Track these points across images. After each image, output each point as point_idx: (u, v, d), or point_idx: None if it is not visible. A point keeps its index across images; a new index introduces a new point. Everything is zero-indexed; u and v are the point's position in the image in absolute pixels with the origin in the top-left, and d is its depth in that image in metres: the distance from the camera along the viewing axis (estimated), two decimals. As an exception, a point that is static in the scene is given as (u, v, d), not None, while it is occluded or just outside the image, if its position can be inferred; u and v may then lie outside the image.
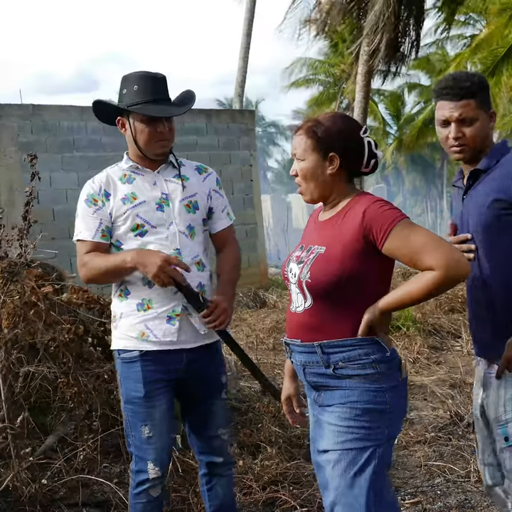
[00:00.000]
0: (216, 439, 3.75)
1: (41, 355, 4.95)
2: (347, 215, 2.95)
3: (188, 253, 3.61)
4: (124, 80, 3.65)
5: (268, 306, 12.53)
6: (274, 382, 7.31)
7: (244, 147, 15.59)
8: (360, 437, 2.93)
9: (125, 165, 3.70)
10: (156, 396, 3.55)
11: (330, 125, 3.01)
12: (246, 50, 23.80)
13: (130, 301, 3.58)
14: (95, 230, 3.58)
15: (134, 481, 3.62)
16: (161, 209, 3.61)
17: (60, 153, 12.84)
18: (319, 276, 2.91)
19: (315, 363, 2.98)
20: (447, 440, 5.80)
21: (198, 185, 3.77)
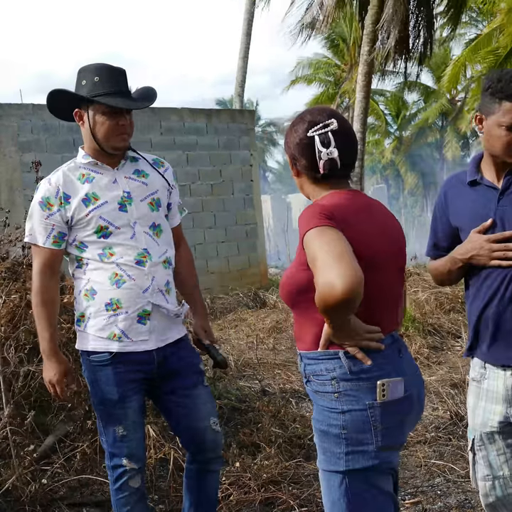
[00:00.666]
0: (209, 430, 3.66)
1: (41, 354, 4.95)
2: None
3: (155, 252, 3.57)
4: (83, 71, 3.52)
5: (268, 306, 12.52)
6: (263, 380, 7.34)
7: (244, 147, 15.58)
8: (325, 459, 2.77)
9: (83, 160, 3.58)
10: (129, 397, 3.52)
11: (289, 128, 2.89)
12: (246, 50, 23.81)
13: (97, 301, 3.51)
14: (47, 235, 3.50)
15: (112, 477, 3.60)
16: (123, 209, 3.53)
17: (60, 153, 12.81)
18: (283, 285, 2.82)
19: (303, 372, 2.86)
20: (447, 440, 5.80)
21: (158, 181, 3.70)
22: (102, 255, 3.49)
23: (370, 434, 2.67)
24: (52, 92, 3.57)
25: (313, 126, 2.77)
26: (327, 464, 2.75)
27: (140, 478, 3.59)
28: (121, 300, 3.48)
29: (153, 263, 3.53)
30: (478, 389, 3.25)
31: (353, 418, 2.66)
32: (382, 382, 2.66)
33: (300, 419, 6.01)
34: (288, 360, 8.59)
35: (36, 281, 3.51)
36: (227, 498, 4.62)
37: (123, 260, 3.48)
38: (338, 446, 2.69)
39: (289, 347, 9.45)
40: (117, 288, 3.48)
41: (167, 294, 3.61)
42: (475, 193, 3.20)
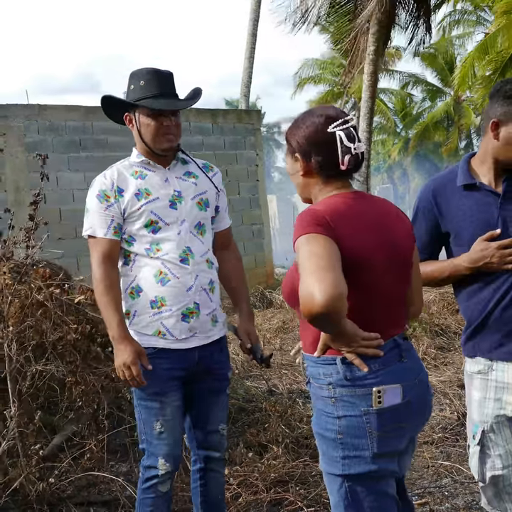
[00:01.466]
0: (216, 433, 3.79)
1: (49, 354, 4.96)
2: None
3: (198, 251, 3.64)
4: (132, 76, 3.66)
5: (275, 306, 12.52)
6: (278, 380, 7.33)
7: (250, 147, 15.58)
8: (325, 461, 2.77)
9: (137, 159, 3.69)
10: (169, 393, 3.57)
11: (294, 124, 2.83)
12: (251, 50, 23.76)
13: (143, 299, 3.58)
14: (107, 226, 3.57)
15: (143, 475, 3.63)
16: (173, 206, 3.63)
17: (67, 153, 12.84)
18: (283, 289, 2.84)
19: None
20: (455, 441, 5.79)
21: (207, 182, 3.79)
22: (149, 250, 3.58)
23: (365, 439, 2.66)
24: (102, 98, 3.72)
25: (332, 122, 2.73)
26: (327, 466, 2.76)
27: (170, 484, 3.64)
28: (165, 298, 3.55)
29: (195, 261, 3.60)
30: (485, 381, 3.26)
31: (348, 424, 2.65)
32: (378, 389, 2.64)
33: (307, 419, 6.00)
34: (295, 361, 8.57)
35: (98, 272, 3.56)
36: (236, 499, 4.62)
37: (168, 257, 3.56)
38: (335, 450, 2.69)
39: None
40: (162, 286, 3.55)
41: (211, 292, 3.68)
42: (472, 197, 3.20)
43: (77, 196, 12.75)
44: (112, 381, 5.23)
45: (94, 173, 13.79)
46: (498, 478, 3.26)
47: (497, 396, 3.21)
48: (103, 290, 3.54)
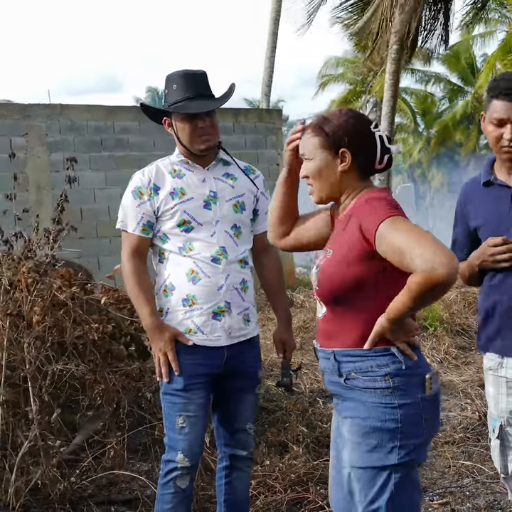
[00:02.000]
0: (243, 432, 3.80)
1: (69, 352, 4.98)
2: (353, 213, 2.80)
3: (232, 251, 3.66)
4: (166, 81, 3.70)
5: (295, 305, 12.49)
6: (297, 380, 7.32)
7: (271, 146, 15.57)
8: (371, 457, 2.76)
9: (177, 158, 3.73)
10: (193, 390, 3.58)
11: (338, 120, 2.84)
12: (272, 49, 23.72)
13: (175, 297, 3.62)
14: (136, 223, 3.63)
15: (163, 470, 3.66)
16: (207, 207, 3.66)
17: (88, 152, 12.87)
18: (324, 283, 2.81)
19: (331, 370, 2.87)
20: (476, 441, 5.77)
21: (246, 185, 3.81)
22: (182, 249, 3.62)
23: (420, 426, 2.76)
24: (141, 105, 3.90)
25: (371, 124, 2.86)
26: (373, 461, 2.76)
27: (189, 480, 3.64)
28: (196, 296, 3.59)
29: (228, 261, 3.63)
30: (496, 378, 3.32)
31: (406, 412, 2.72)
32: (429, 376, 2.77)
33: (327, 418, 5.99)
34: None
35: (127, 265, 3.65)
36: (255, 499, 4.61)
37: (200, 256, 3.59)
38: (391, 440, 2.73)
39: (316, 346, 9.42)
40: (193, 284, 3.59)
41: (243, 292, 3.70)
42: (489, 192, 3.28)
43: (98, 196, 12.80)
44: (132, 380, 5.25)
45: (115, 172, 13.94)
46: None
47: (509, 391, 3.28)
48: (133, 283, 3.61)
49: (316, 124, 2.87)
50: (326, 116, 2.89)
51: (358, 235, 2.70)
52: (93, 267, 8.52)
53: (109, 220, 12.49)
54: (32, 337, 4.66)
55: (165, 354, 3.55)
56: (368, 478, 2.78)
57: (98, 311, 5.29)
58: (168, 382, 3.59)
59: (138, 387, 5.27)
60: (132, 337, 5.52)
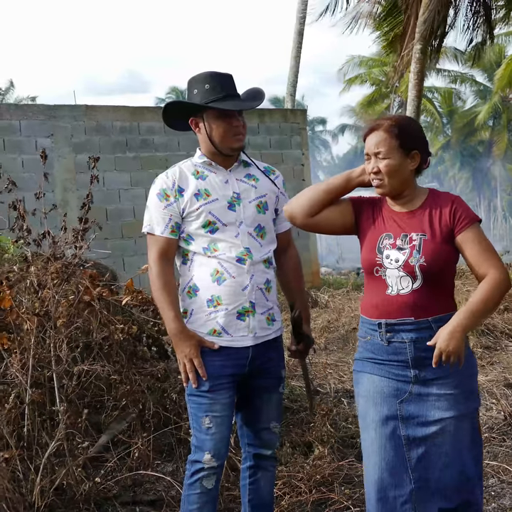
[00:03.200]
0: (267, 431, 3.81)
1: (95, 353, 5.01)
2: (432, 207, 3.35)
3: (256, 252, 3.67)
4: (193, 81, 3.70)
5: (320, 305, 12.51)
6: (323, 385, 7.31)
7: (296, 146, 15.58)
8: (471, 401, 3.37)
9: (199, 160, 3.74)
10: (219, 390, 3.59)
11: (410, 126, 3.40)
12: (298, 49, 23.73)
13: (200, 298, 3.63)
14: (165, 225, 3.63)
15: (189, 471, 3.65)
16: (232, 208, 3.67)
17: (113, 153, 12.96)
18: (432, 259, 3.24)
19: (428, 338, 3.21)
20: (501, 441, 5.74)
21: (267, 185, 3.82)
22: (207, 249, 3.63)
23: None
24: (169, 103, 3.83)
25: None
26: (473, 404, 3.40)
27: (215, 480, 3.64)
28: (221, 297, 3.60)
29: (253, 262, 3.64)
30: None
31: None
32: None
33: (352, 418, 5.99)
34: (340, 360, 8.58)
35: (154, 268, 3.64)
36: (280, 499, 4.62)
37: (225, 256, 3.60)
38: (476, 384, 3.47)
39: (340, 347, 9.43)
40: (218, 285, 3.59)
41: (267, 292, 3.72)
42: None
43: (123, 196, 12.87)
44: (157, 381, 5.27)
45: (140, 173, 14.02)
46: None
47: None
48: (159, 286, 3.61)
49: (391, 127, 3.32)
50: (397, 120, 3.37)
51: (448, 219, 3.29)
52: (118, 268, 8.54)
53: (133, 220, 12.57)
54: (58, 338, 4.68)
55: (190, 360, 3.55)
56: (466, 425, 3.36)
57: (122, 312, 5.31)
58: (193, 384, 3.60)
59: (163, 387, 5.29)
60: (154, 339, 5.54)
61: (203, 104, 3.62)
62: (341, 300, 12.60)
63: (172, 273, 3.67)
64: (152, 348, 5.50)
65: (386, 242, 3.34)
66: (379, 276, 3.33)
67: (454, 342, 3.13)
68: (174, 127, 3.90)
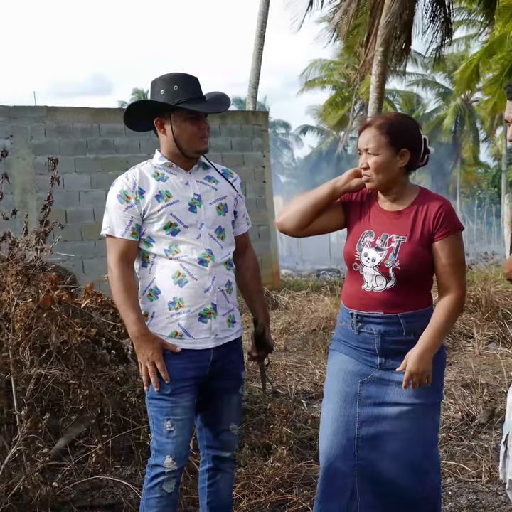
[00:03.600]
0: (227, 433, 3.81)
1: (54, 357, 4.98)
2: (419, 208, 3.44)
3: (218, 254, 3.67)
4: (160, 81, 3.66)
5: (280, 307, 12.53)
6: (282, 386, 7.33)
7: (257, 148, 15.59)
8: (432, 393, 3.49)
9: (159, 162, 3.72)
10: (181, 393, 3.58)
11: (402, 123, 3.46)
12: (259, 51, 23.74)
13: (161, 300, 3.61)
14: (125, 227, 3.60)
15: (149, 475, 3.64)
16: (193, 210, 3.66)
17: (73, 155, 12.89)
18: (407, 264, 3.37)
19: (395, 332, 3.45)
20: (459, 440, 5.80)
21: (226, 188, 3.84)
22: (168, 251, 3.61)
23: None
24: (136, 102, 3.78)
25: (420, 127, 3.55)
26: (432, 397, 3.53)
27: (174, 484, 3.64)
28: (183, 299, 3.58)
29: (215, 263, 3.64)
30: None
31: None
32: None
33: (311, 420, 6.02)
34: (300, 361, 8.60)
35: (114, 270, 3.60)
36: (239, 501, 4.63)
37: (187, 258, 3.59)
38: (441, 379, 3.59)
39: (300, 348, 9.45)
40: (180, 287, 3.58)
41: (228, 293, 3.72)
42: None
43: (83, 198, 12.81)
44: (116, 384, 5.25)
45: (100, 174, 13.92)
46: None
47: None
48: (119, 288, 3.58)
49: (382, 124, 3.41)
50: (389, 118, 3.46)
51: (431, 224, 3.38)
52: (77, 270, 8.49)
53: (94, 222, 12.50)
54: (17, 341, 4.65)
55: (153, 364, 3.53)
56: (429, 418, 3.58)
57: (81, 315, 5.29)
58: (155, 388, 3.59)
59: (122, 391, 5.27)
60: (113, 342, 5.52)
61: (175, 105, 3.59)
62: (301, 302, 12.62)
63: (133, 275, 3.66)
64: (112, 351, 5.49)
65: (367, 239, 3.50)
66: (357, 271, 3.51)
67: (423, 364, 3.36)
68: (134, 127, 3.87)
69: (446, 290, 3.40)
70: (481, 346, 9.00)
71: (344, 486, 3.54)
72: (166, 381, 3.54)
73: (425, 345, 3.36)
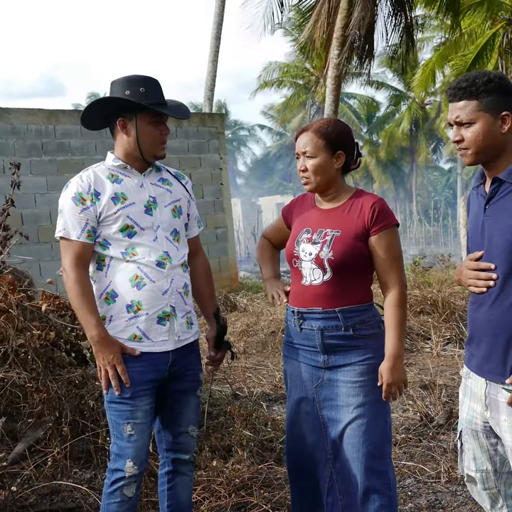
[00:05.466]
0: (186, 435, 3.79)
1: (11, 360, 4.92)
2: (353, 205, 3.59)
3: (175, 256, 3.66)
4: (125, 82, 3.61)
5: (239, 309, 12.53)
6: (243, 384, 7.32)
7: (214, 150, 15.58)
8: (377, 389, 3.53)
9: (114, 163, 3.67)
10: (140, 397, 3.56)
11: (337, 127, 3.62)
12: (215, 53, 23.74)
13: (118, 304, 3.57)
14: (81, 229, 3.55)
15: (109, 479, 3.60)
16: (148, 212, 3.64)
17: (29, 157, 12.76)
18: (340, 254, 3.50)
19: (334, 327, 3.56)
20: (418, 441, 5.84)
21: (180, 190, 3.83)
22: (125, 254, 3.58)
23: None
24: (104, 98, 3.69)
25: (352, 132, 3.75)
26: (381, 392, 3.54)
27: (135, 488, 3.60)
28: (141, 302, 3.56)
29: (172, 266, 3.63)
30: (464, 386, 3.27)
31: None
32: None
33: (271, 422, 6.01)
34: (259, 364, 8.60)
35: (71, 274, 3.54)
36: (200, 504, 4.61)
37: (144, 261, 3.56)
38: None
39: (259, 350, 9.45)
40: (138, 290, 3.55)
41: (185, 295, 3.72)
42: (476, 199, 3.18)
43: (39, 200, 12.68)
44: (75, 387, 5.20)
45: (56, 176, 13.76)
46: (473, 478, 3.27)
47: (471, 403, 3.21)
48: (77, 292, 3.52)
49: (319, 128, 3.60)
50: (326, 123, 3.64)
51: (365, 220, 3.52)
52: (34, 273, 8.40)
53: (50, 225, 12.40)
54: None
55: (113, 367, 3.49)
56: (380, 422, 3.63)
57: (39, 318, 5.24)
58: (116, 391, 3.55)
59: (80, 394, 5.22)
60: (72, 345, 5.47)
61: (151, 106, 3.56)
62: (260, 304, 12.64)
63: (89, 279, 3.60)
64: (70, 354, 5.43)
65: (304, 236, 3.66)
66: (296, 267, 3.66)
67: (397, 374, 3.50)
68: (89, 125, 3.79)
69: (388, 286, 3.57)
70: (439, 348, 9.08)
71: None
72: (126, 384, 3.50)
73: (393, 355, 3.49)
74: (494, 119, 2.96)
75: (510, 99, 2.98)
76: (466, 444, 3.27)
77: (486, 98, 2.95)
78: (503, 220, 2.93)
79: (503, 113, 2.95)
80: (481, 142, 2.98)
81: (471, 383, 3.20)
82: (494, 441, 3.15)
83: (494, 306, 2.98)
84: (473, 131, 2.97)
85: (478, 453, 3.21)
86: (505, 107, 2.96)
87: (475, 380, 3.17)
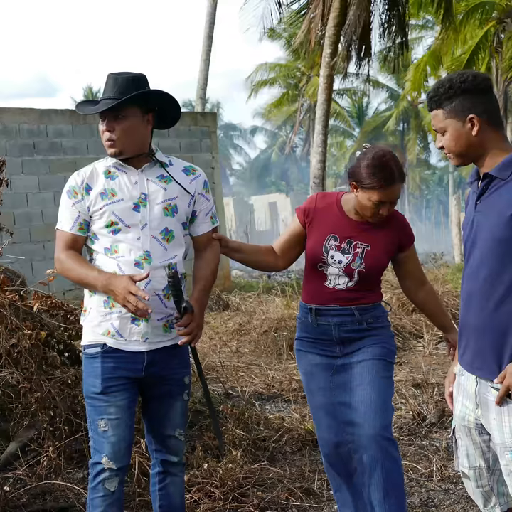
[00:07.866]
0: (173, 438, 3.76)
1: (3, 360, 4.92)
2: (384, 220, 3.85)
3: (157, 256, 3.58)
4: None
5: (231, 308, 12.53)
6: (232, 390, 7.32)
7: (206, 150, 15.57)
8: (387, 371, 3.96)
9: (111, 161, 3.67)
10: (113, 392, 3.54)
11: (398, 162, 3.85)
12: (207, 52, 23.77)
13: (98, 297, 3.58)
14: (73, 222, 3.60)
15: (91, 474, 3.60)
16: (137, 209, 3.59)
17: (20, 156, 12.74)
18: (371, 267, 3.87)
19: (350, 322, 3.90)
20: (410, 440, 5.85)
21: (178, 189, 3.71)
22: (108, 250, 3.58)
23: None
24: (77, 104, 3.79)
25: None
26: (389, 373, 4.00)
27: (118, 482, 3.58)
28: None
29: (152, 267, 3.55)
30: (458, 383, 3.27)
31: None
32: None
33: (264, 421, 6.01)
34: (251, 363, 8.60)
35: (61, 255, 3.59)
36: (195, 505, 4.61)
37: (124, 259, 3.54)
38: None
39: (252, 349, 9.45)
40: None
41: (165, 298, 3.60)
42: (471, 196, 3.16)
43: (31, 200, 12.66)
44: (68, 387, 5.20)
45: (48, 176, 13.69)
46: (467, 475, 3.28)
47: (463, 400, 3.22)
48: (72, 262, 3.56)
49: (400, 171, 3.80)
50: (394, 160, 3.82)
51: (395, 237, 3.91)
52: (26, 273, 8.39)
53: (42, 224, 12.38)
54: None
55: (130, 293, 3.38)
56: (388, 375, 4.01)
57: (31, 318, 5.23)
58: (89, 386, 3.56)
59: (74, 393, 5.22)
60: (65, 344, 5.47)
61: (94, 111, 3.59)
62: (252, 303, 12.64)
63: (81, 255, 3.63)
64: (63, 354, 5.43)
65: (332, 243, 3.89)
66: (321, 271, 3.92)
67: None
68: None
69: (424, 283, 4.11)
70: (431, 346, 9.09)
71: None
72: (146, 297, 3.40)
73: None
74: (462, 123, 2.98)
75: (477, 100, 2.98)
76: (460, 440, 3.27)
77: (450, 105, 2.98)
78: (491, 216, 2.95)
79: (469, 116, 2.96)
80: (457, 148, 3.01)
81: (464, 380, 3.20)
82: (487, 438, 3.16)
83: (483, 304, 2.99)
84: (447, 138, 3.02)
85: (471, 450, 3.22)
86: (470, 109, 2.96)
87: (467, 378, 3.17)
